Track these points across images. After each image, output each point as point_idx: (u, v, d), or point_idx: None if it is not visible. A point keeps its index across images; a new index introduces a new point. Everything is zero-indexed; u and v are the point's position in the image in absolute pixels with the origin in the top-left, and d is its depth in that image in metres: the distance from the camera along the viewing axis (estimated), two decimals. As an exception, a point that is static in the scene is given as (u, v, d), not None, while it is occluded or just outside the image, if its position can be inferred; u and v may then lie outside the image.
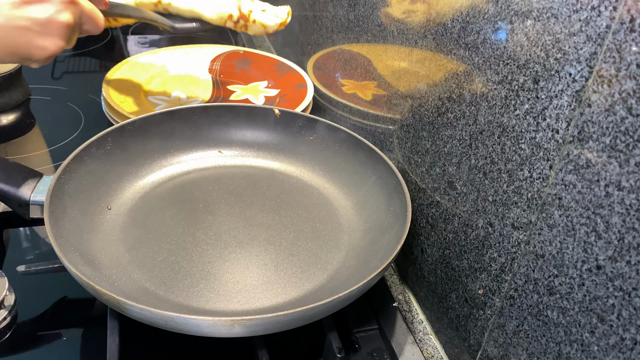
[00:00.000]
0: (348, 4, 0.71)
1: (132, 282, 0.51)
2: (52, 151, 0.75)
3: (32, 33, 0.39)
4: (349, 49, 0.73)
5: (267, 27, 0.65)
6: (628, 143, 0.31)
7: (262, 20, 0.65)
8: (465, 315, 0.49)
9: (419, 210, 0.56)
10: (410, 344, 0.54)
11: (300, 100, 0.78)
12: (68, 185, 0.54)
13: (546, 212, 0.37)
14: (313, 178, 0.68)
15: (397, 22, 0.59)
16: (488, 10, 0.42)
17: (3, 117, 0.82)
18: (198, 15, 0.66)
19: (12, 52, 0.39)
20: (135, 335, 0.49)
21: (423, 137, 0.55)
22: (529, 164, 0.39)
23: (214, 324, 0.42)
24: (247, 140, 0.70)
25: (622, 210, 0.31)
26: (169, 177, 0.65)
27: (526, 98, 0.39)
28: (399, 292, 0.60)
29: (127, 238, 0.56)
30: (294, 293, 0.52)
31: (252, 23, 0.65)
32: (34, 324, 0.52)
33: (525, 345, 0.41)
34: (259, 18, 0.65)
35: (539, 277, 0.39)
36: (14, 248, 0.60)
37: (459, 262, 0.49)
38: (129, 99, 0.75)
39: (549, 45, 0.36)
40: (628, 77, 0.30)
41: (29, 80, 0.88)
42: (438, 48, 0.50)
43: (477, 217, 0.46)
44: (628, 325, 0.31)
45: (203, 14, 0.65)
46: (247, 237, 0.58)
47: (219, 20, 0.65)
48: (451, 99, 0.49)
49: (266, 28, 0.65)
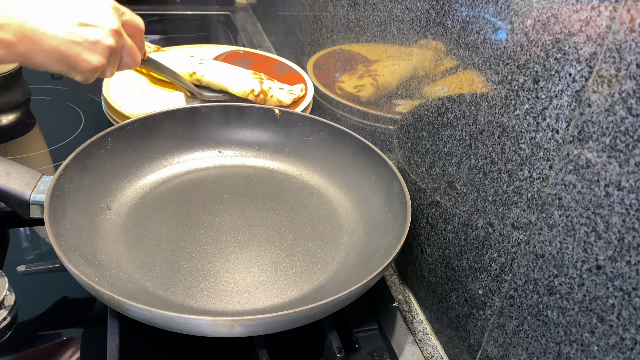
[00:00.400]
0: (348, 4, 0.72)
1: (132, 282, 0.51)
2: (52, 151, 0.75)
3: (82, 48, 0.49)
4: (349, 49, 0.73)
5: (282, 102, 0.75)
6: (628, 143, 0.31)
7: (279, 97, 0.75)
8: (465, 315, 0.49)
9: (419, 210, 0.56)
10: (410, 344, 0.54)
11: (300, 101, 0.78)
12: (68, 185, 0.54)
13: (546, 212, 0.37)
14: (313, 178, 0.68)
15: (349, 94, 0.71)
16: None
17: (3, 117, 0.82)
18: (225, 89, 0.76)
19: (62, 60, 0.48)
20: (135, 335, 0.49)
21: (423, 137, 0.55)
22: (529, 164, 0.39)
23: (214, 324, 0.42)
24: (247, 140, 0.70)
25: (622, 210, 0.31)
26: (169, 177, 0.65)
27: (526, 98, 0.39)
28: (399, 292, 0.60)
29: (127, 238, 0.56)
30: (294, 293, 0.52)
31: (270, 98, 0.75)
32: (34, 324, 0.52)
33: (525, 345, 0.41)
34: (277, 94, 0.75)
35: (539, 277, 0.39)
36: (14, 248, 0.60)
37: (459, 262, 0.49)
38: (129, 99, 0.75)
39: (549, 45, 0.36)
40: (628, 77, 0.30)
41: (29, 80, 0.88)
42: (438, 48, 0.50)
43: (477, 217, 0.46)
44: (628, 325, 0.31)
45: (229, 88, 0.75)
46: (247, 237, 0.58)
47: (242, 94, 0.75)
48: (451, 99, 0.49)
49: (281, 103, 0.75)
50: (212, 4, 1.38)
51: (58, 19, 0.47)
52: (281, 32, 1.08)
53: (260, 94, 0.75)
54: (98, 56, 0.50)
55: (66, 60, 0.48)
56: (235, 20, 1.30)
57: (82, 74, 0.51)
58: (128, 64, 0.57)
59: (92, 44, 0.49)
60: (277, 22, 1.11)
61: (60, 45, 0.47)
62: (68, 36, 0.48)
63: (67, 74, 0.51)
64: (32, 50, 0.46)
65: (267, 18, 1.21)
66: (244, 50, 0.94)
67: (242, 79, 0.76)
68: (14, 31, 0.44)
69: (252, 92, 0.75)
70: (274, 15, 1.13)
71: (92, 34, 0.49)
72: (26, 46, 0.46)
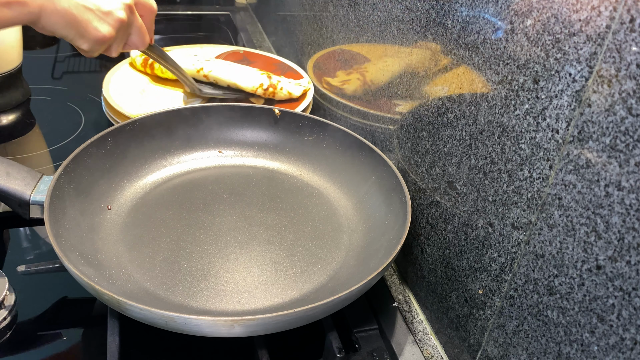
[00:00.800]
0: (348, 4, 0.72)
1: (132, 282, 0.51)
2: (52, 151, 0.75)
3: (94, 15, 0.49)
4: (349, 49, 0.73)
5: (292, 94, 0.76)
6: (628, 143, 0.31)
7: (289, 89, 0.76)
8: (465, 315, 0.49)
9: (419, 210, 0.56)
10: (410, 344, 0.54)
11: (300, 101, 0.78)
12: (68, 185, 0.54)
13: (546, 212, 0.37)
14: (313, 178, 0.68)
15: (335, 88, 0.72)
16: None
17: (3, 117, 0.82)
18: (234, 84, 0.76)
19: (72, 24, 0.48)
20: (135, 335, 0.49)
21: (423, 137, 0.55)
22: (529, 164, 0.39)
23: (214, 324, 0.42)
24: (247, 140, 0.70)
25: (622, 210, 0.31)
26: (169, 177, 0.65)
27: (526, 98, 0.39)
28: (399, 292, 0.60)
29: (127, 238, 0.56)
30: (294, 293, 0.52)
31: (279, 91, 0.76)
32: (34, 324, 0.52)
33: (525, 345, 0.41)
34: (287, 87, 0.76)
35: (539, 277, 0.39)
36: (14, 248, 0.60)
37: (459, 262, 0.49)
38: (129, 99, 0.75)
39: (549, 45, 0.36)
40: (628, 77, 0.30)
41: (29, 80, 0.88)
42: (438, 48, 0.50)
43: (477, 217, 0.46)
44: (628, 325, 0.31)
45: (238, 84, 0.76)
46: (247, 237, 0.58)
47: (252, 89, 0.76)
48: (451, 99, 0.49)
49: (291, 94, 0.76)
50: (212, 4, 1.38)
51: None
52: (281, 32, 1.08)
53: (270, 87, 0.76)
54: (108, 26, 0.50)
55: (76, 24, 0.49)
56: (235, 20, 1.30)
57: (89, 43, 0.51)
58: (135, 43, 0.57)
59: (104, 13, 0.50)
60: (277, 22, 1.11)
61: (72, 8, 0.48)
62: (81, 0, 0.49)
63: (73, 40, 0.51)
64: (44, 9, 0.46)
65: (267, 18, 1.21)
66: (244, 50, 0.94)
67: (250, 74, 0.77)
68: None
69: (261, 86, 0.76)
70: (274, 15, 1.13)
71: (105, 4, 0.50)
72: (38, 6, 0.46)
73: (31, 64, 0.94)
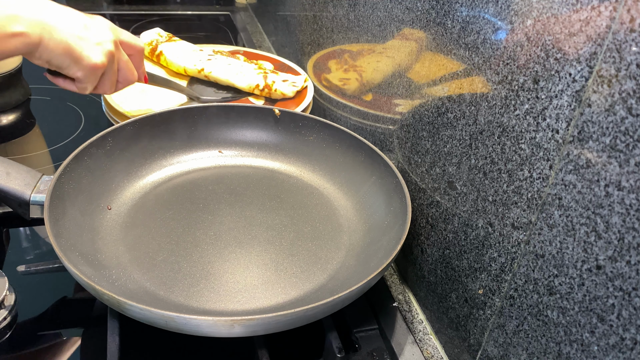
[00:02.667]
0: (348, 4, 0.72)
1: (132, 282, 0.51)
2: (52, 151, 0.75)
3: (87, 43, 0.53)
4: (349, 49, 0.73)
5: (286, 94, 0.78)
6: (628, 143, 0.31)
7: (282, 90, 0.78)
8: (465, 315, 0.49)
9: (419, 210, 0.56)
10: (410, 344, 0.54)
11: (300, 100, 0.78)
12: (68, 185, 0.54)
13: (546, 212, 0.37)
14: (313, 178, 0.68)
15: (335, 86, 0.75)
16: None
17: (3, 117, 0.82)
18: (232, 84, 0.79)
19: (68, 53, 0.52)
20: (135, 335, 0.49)
21: (423, 137, 0.55)
22: (529, 164, 0.39)
23: (214, 324, 0.42)
24: (247, 140, 0.70)
25: (622, 210, 0.31)
26: (169, 177, 0.65)
27: (526, 98, 0.39)
28: (399, 292, 0.60)
29: (127, 238, 0.56)
30: (294, 293, 0.52)
31: (274, 92, 0.78)
32: (34, 324, 0.52)
33: (525, 345, 0.41)
34: (280, 88, 0.78)
35: (539, 277, 0.39)
36: (14, 248, 0.60)
37: (459, 262, 0.49)
38: (129, 99, 0.75)
39: (549, 45, 0.36)
40: (628, 77, 0.30)
41: (29, 80, 0.88)
42: (438, 48, 0.50)
43: (477, 217, 0.46)
44: (628, 325, 0.31)
45: (235, 84, 0.79)
46: (247, 237, 0.58)
47: (248, 89, 0.79)
48: (451, 99, 0.49)
49: (285, 95, 0.78)
50: (212, 4, 1.38)
51: (67, 18, 0.52)
52: (281, 32, 1.08)
53: (265, 88, 0.78)
54: (100, 55, 0.54)
55: (71, 52, 0.52)
56: (235, 20, 1.30)
57: (84, 70, 0.54)
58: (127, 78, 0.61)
59: (95, 43, 0.54)
60: (277, 22, 1.11)
61: (68, 38, 0.52)
62: (76, 31, 0.52)
63: (68, 68, 0.54)
64: (43, 40, 0.50)
65: (267, 18, 1.21)
66: (244, 50, 0.94)
67: (247, 74, 0.79)
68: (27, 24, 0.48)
69: (257, 87, 0.78)
70: (274, 15, 1.13)
71: (96, 37, 0.54)
72: (38, 36, 0.49)
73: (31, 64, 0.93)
